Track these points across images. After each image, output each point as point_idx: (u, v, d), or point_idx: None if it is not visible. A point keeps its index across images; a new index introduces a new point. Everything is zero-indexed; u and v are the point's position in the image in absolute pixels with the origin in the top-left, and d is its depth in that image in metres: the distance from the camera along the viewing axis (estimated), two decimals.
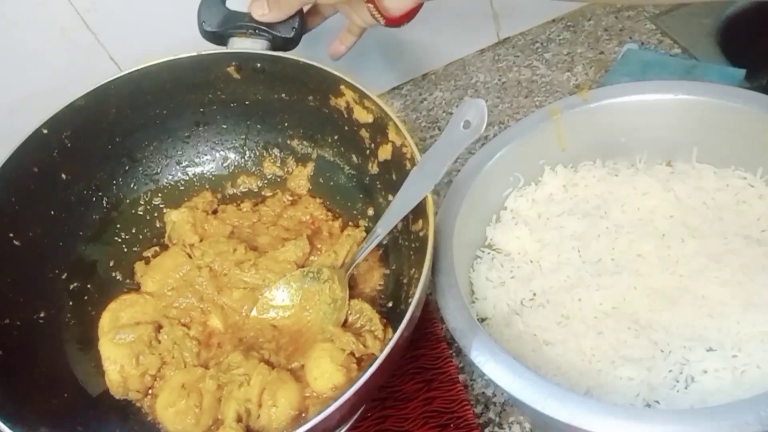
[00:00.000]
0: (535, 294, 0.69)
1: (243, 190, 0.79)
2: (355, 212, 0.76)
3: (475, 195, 0.71)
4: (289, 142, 0.78)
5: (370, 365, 0.53)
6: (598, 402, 0.56)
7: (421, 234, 0.64)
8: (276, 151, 0.79)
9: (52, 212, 0.70)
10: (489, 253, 0.73)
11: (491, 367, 0.57)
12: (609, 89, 0.75)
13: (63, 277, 0.70)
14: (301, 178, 0.78)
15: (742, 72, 0.84)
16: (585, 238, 0.70)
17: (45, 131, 0.68)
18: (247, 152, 0.79)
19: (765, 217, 0.67)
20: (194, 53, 0.71)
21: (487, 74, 1.01)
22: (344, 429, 0.66)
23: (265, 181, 0.79)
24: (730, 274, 0.63)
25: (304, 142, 0.77)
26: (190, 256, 0.72)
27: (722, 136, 0.71)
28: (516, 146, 0.73)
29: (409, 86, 1.03)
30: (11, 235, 0.66)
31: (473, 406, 0.68)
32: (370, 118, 0.69)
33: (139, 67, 0.71)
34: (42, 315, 0.67)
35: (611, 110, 0.74)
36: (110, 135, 0.73)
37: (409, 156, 0.65)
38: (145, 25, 0.82)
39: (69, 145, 0.70)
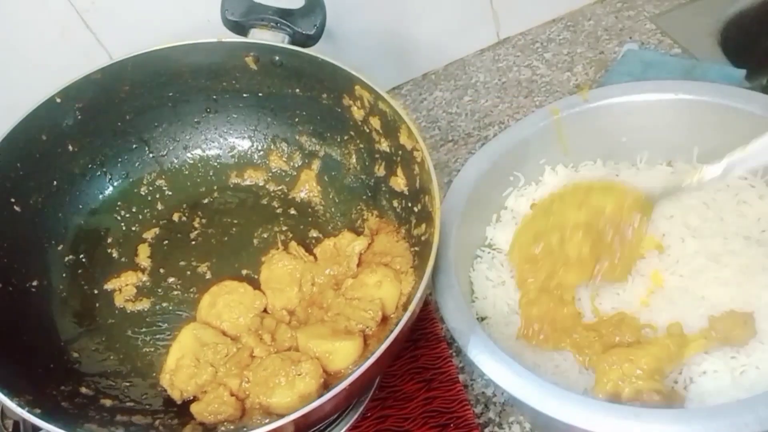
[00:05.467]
0: None
1: (248, 183, 0.79)
2: (353, 214, 0.76)
3: (476, 195, 0.71)
4: (297, 137, 0.78)
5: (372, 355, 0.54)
6: (597, 401, 0.56)
7: (423, 238, 0.64)
8: (284, 145, 0.79)
9: (55, 182, 0.70)
10: (489, 253, 0.73)
11: (490, 366, 0.57)
12: (609, 89, 0.75)
13: (59, 248, 0.70)
14: (309, 181, 0.78)
15: (742, 72, 0.84)
16: None
17: (58, 100, 0.68)
18: (255, 144, 0.80)
19: (765, 218, 0.67)
20: (214, 39, 0.72)
21: (487, 74, 1.01)
22: (344, 429, 0.66)
23: (270, 175, 0.79)
24: (730, 274, 0.63)
25: (313, 139, 0.78)
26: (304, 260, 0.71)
27: (722, 136, 0.70)
28: (516, 146, 0.73)
29: (409, 86, 1.03)
30: (13, 200, 0.66)
31: (473, 406, 0.68)
32: (382, 120, 0.69)
33: (157, 48, 0.71)
34: (35, 284, 0.67)
35: (611, 110, 0.74)
36: (121, 112, 0.74)
37: (419, 160, 0.65)
38: (145, 24, 0.82)
39: (80, 117, 0.70)
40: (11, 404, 0.53)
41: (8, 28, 0.78)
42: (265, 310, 0.69)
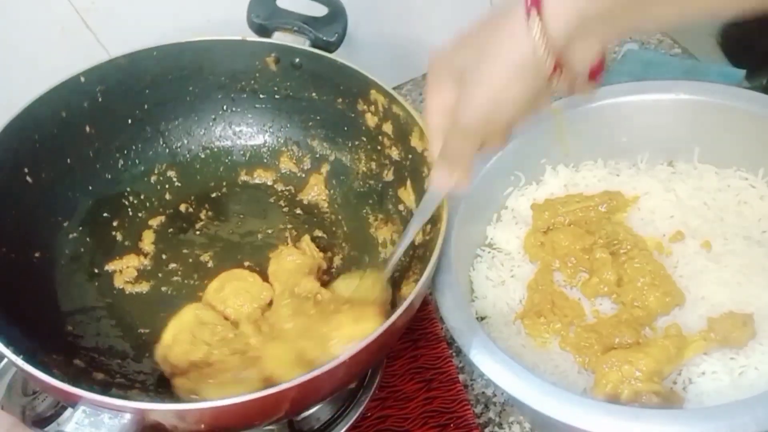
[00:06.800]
0: None
1: (257, 181, 0.80)
2: (360, 217, 0.76)
3: (476, 194, 0.71)
4: (309, 141, 0.79)
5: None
6: (596, 401, 0.56)
7: (427, 238, 0.64)
8: (295, 148, 0.80)
9: (68, 161, 0.71)
10: (489, 252, 0.73)
11: (489, 366, 0.57)
12: (609, 89, 0.75)
13: (65, 224, 0.71)
14: (317, 185, 0.79)
15: (742, 72, 0.84)
16: None
17: (82, 79, 0.69)
18: (267, 144, 0.81)
19: (766, 218, 0.67)
20: (239, 37, 0.73)
21: None
22: (344, 429, 0.66)
23: (279, 175, 0.80)
24: (730, 274, 0.63)
25: (324, 144, 0.79)
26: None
27: (723, 136, 0.71)
28: (517, 145, 0.73)
29: (409, 86, 1.03)
30: (26, 170, 0.67)
31: (473, 406, 0.68)
32: (395, 124, 0.70)
33: (183, 41, 0.73)
34: (37, 255, 0.67)
35: (612, 110, 0.74)
36: (141, 100, 0.75)
37: (430, 161, 0.65)
38: (145, 24, 0.82)
39: (101, 99, 0.71)
40: (7, 352, 0.52)
41: (7, 27, 0.78)
42: (270, 302, 0.69)
